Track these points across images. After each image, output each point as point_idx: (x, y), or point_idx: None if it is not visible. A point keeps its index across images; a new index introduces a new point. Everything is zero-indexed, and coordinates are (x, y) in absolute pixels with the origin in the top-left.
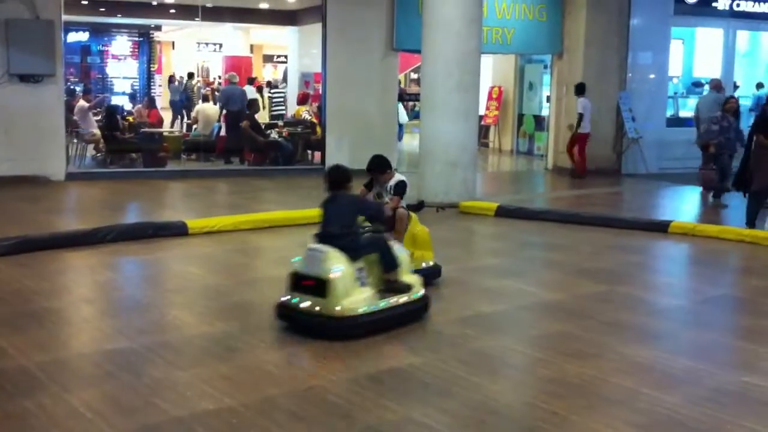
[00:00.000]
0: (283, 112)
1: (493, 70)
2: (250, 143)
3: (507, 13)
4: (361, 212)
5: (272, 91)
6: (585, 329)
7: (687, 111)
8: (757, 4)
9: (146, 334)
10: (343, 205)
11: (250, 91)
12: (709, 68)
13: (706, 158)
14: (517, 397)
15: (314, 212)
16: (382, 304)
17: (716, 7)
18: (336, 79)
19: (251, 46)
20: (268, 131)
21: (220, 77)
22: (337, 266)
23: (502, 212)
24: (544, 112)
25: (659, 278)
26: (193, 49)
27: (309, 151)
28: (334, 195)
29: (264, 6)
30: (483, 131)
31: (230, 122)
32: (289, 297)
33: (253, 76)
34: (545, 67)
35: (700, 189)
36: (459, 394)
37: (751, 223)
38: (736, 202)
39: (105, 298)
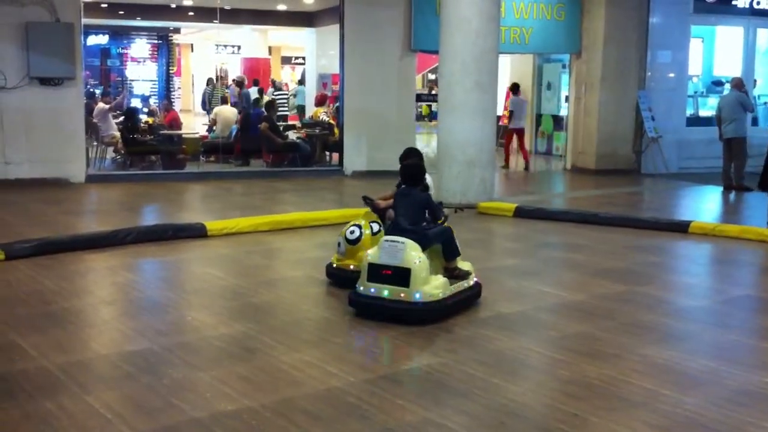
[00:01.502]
0: (286, 113)
1: (512, 70)
2: (268, 144)
3: (525, 13)
4: (429, 212)
5: (275, 93)
6: (605, 330)
7: (707, 110)
8: None
9: (165, 335)
10: (415, 203)
11: (254, 93)
12: (729, 67)
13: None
14: (536, 399)
15: (332, 213)
16: (453, 289)
17: (736, 5)
18: (354, 80)
19: (269, 48)
20: (286, 132)
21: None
22: (418, 256)
23: (521, 213)
24: (563, 112)
25: (679, 278)
26: (212, 52)
27: (327, 153)
28: (408, 191)
29: (282, 8)
30: (501, 131)
31: (241, 124)
32: (365, 287)
33: (270, 77)
34: (563, 66)
35: (720, 188)
36: (478, 395)
37: None
38: (756, 202)
39: (125, 299)
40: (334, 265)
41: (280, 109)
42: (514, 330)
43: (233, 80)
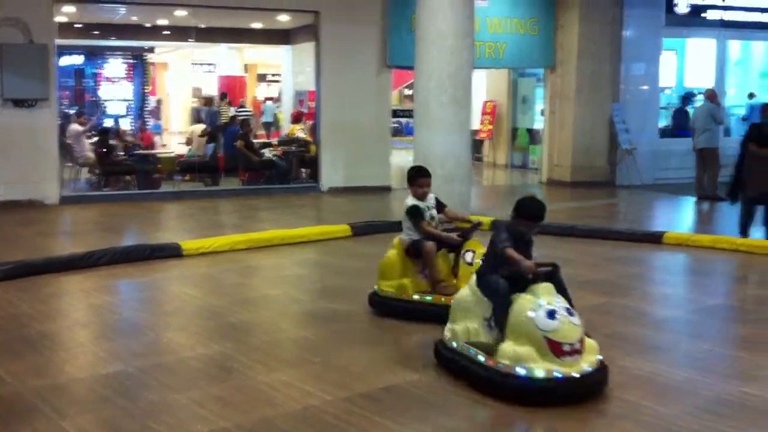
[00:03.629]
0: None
1: (487, 85)
2: (244, 162)
3: (499, 28)
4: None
5: (238, 109)
6: None
7: (678, 122)
8: (747, 13)
9: (142, 357)
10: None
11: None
12: (701, 78)
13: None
14: (516, 414)
15: (310, 230)
16: None
17: (707, 18)
18: (330, 96)
19: (245, 66)
20: (263, 150)
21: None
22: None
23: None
24: (538, 126)
25: (657, 289)
26: (188, 70)
27: (303, 170)
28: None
29: (257, 26)
30: (477, 145)
31: (209, 141)
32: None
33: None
34: (538, 80)
35: (694, 198)
36: (458, 411)
37: (744, 232)
38: (729, 212)
39: (100, 321)
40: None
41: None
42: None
43: (202, 98)
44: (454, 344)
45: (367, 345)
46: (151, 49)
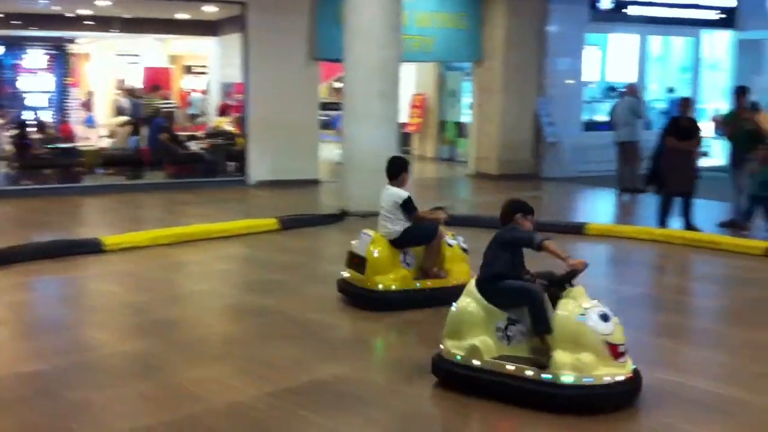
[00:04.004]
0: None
1: (415, 78)
2: (169, 155)
3: (427, 22)
4: (506, 244)
5: (145, 99)
6: None
7: (602, 115)
8: (668, 9)
9: (62, 355)
10: (494, 238)
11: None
12: (624, 73)
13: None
14: (443, 402)
15: (236, 224)
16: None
17: (629, 14)
18: (257, 89)
19: (171, 57)
20: (188, 143)
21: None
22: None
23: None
24: (466, 119)
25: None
26: (112, 61)
27: (230, 163)
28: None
29: (183, 16)
30: (406, 139)
31: (134, 134)
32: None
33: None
34: (466, 74)
35: (616, 190)
36: (382, 403)
37: (663, 222)
38: (650, 203)
39: (19, 319)
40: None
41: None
42: (418, 335)
43: (124, 89)
44: (477, 362)
45: (294, 339)
46: (72, 40)
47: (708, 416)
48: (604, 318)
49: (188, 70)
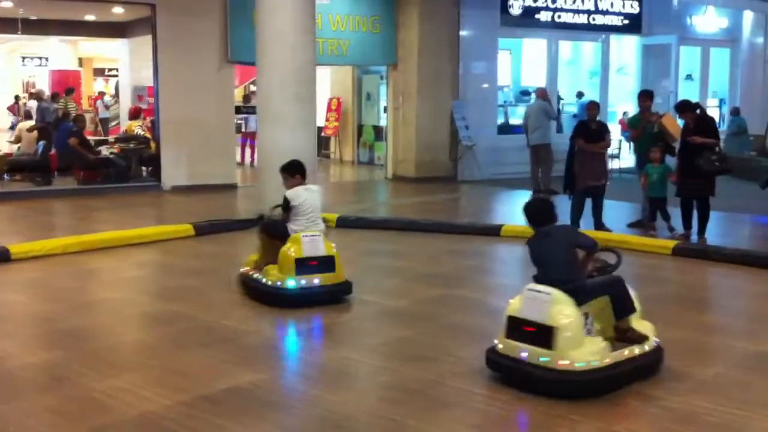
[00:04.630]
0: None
1: (332, 82)
2: (79, 161)
3: (342, 25)
4: (579, 246)
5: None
6: (424, 334)
7: (516, 119)
8: (576, 15)
9: None
10: (562, 243)
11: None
12: (535, 77)
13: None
14: (358, 407)
15: (150, 231)
16: (616, 356)
17: (539, 19)
18: (170, 92)
19: (80, 60)
20: (99, 147)
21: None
22: (568, 311)
23: (343, 222)
24: (383, 123)
25: (493, 280)
26: (18, 64)
27: (143, 168)
28: (547, 230)
29: (91, 18)
30: (324, 142)
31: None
32: (503, 344)
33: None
34: (382, 77)
35: (530, 192)
36: (299, 409)
37: (574, 223)
38: (562, 205)
39: None
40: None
41: None
42: (335, 340)
43: (30, 93)
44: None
45: (208, 347)
46: None
47: (613, 410)
48: None
49: (99, 72)
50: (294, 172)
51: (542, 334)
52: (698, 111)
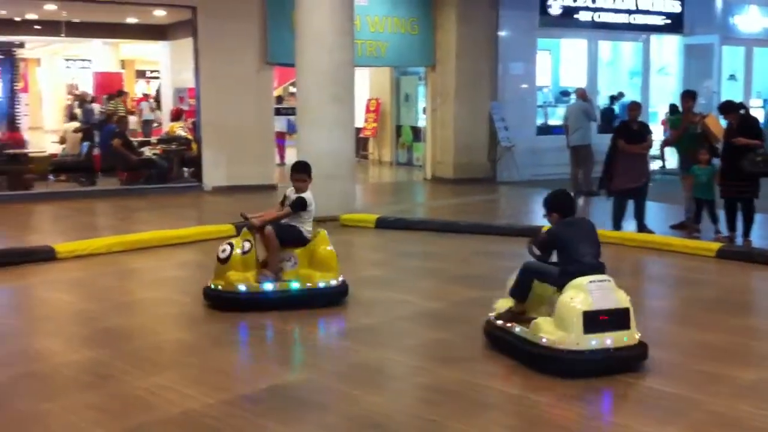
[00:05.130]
0: None
1: (370, 83)
2: (122, 162)
3: (380, 27)
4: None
5: (111, 104)
6: (461, 335)
7: (556, 119)
8: (617, 15)
9: (11, 365)
10: (592, 231)
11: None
12: (575, 78)
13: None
14: (396, 408)
15: (190, 231)
16: None
17: (579, 19)
18: (210, 94)
19: (122, 62)
20: (142, 149)
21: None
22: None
23: (382, 224)
24: (421, 123)
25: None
26: (61, 66)
27: (185, 168)
28: (576, 220)
29: (133, 20)
30: (362, 143)
31: (84, 139)
32: (583, 342)
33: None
34: (420, 78)
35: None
36: (339, 408)
37: (616, 224)
38: (603, 206)
39: None
40: (211, 286)
41: None
42: (374, 341)
43: (74, 95)
44: None
45: (248, 346)
46: (21, 45)
47: (657, 415)
48: None
49: (141, 74)
50: (310, 173)
51: (619, 318)
52: (742, 111)
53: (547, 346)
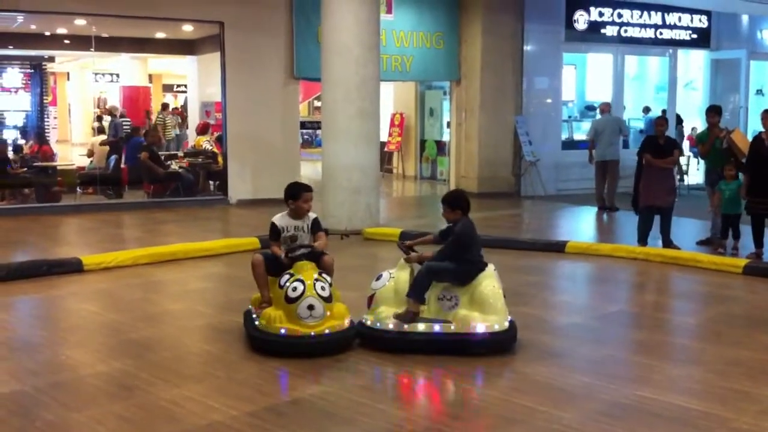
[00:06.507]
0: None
1: (395, 97)
2: (149, 175)
3: (405, 42)
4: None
5: (157, 119)
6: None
7: (581, 134)
8: (643, 29)
9: (38, 375)
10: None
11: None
12: (600, 92)
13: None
14: (421, 422)
15: (216, 243)
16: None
17: (605, 34)
18: (237, 108)
19: (150, 76)
20: (168, 162)
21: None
22: None
23: (406, 237)
24: (446, 138)
25: (557, 297)
26: (90, 80)
27: (210, 182)
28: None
29: (161, 35)
30: (387, 157)
31: (112, 153)
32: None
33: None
34: (444, 93)
35: (594, 209)
36: (363, 422)
37: (642, 240)
38: (627, 221)
39: None
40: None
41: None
42: (397, 354)
43: (105, 109)
44: None
45: (273, 359)
46: (51, 59)
47: None
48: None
49: (168, 89)
50: None
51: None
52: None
53: (484, 332)
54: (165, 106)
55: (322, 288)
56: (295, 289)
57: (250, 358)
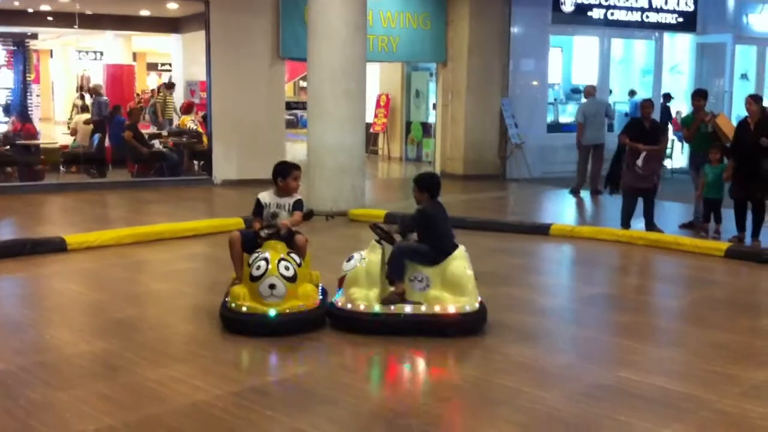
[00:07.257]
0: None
1: (381, 78)
2: (133, 154)
3: (392, 22)
4: None
5: (158, 98)
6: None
7: (567, 117)
8: (630, 12)
9: (23, 354)
10: (446, 211)
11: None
12: (586, 75)
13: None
14: (402, 402)
15: (200, 224)
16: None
17: (592, 16)
18: (222, 87)
19: (134, 54)
20: (152, 141)
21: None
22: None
23: (391, 219)
24: (431, 119)
25: (540, 279)
26: (73, 58)
27: (195, 162)
28: (439, 202)
29: (145, 13)
30: (372, 138)
31: (96, 131)
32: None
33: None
34: (431, 74)
35: (571, 189)
36: (346, 401)
37: (625, 223)
38: (611, 204)
39: None
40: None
41: None
42: (379, 336)
43: (88, 88)
44: None
45: (257, 339)
46: (34, 36)
47: (665, 413)
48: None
49: (152, 67)
50: None
51: None
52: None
53: (455, 313)
54: (170, 86)
55: (286, 267)
56: (258, 267)
57: (235, 338)
